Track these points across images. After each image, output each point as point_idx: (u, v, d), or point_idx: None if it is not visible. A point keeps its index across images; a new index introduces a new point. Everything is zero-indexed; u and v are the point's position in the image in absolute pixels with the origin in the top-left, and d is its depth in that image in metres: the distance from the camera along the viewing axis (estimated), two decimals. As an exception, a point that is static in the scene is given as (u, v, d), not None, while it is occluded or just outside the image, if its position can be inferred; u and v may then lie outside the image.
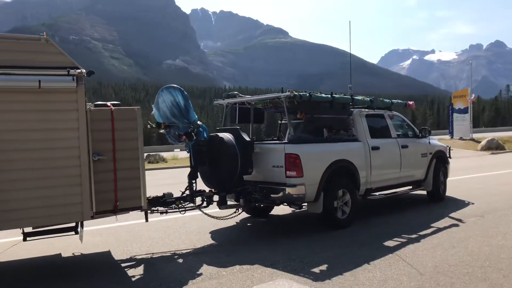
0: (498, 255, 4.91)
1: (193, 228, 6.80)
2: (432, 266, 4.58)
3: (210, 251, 5.55)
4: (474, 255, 4.92)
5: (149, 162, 22.53)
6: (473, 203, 8.17)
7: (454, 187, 10.35)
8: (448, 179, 11.50)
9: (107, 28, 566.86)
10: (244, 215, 7.43)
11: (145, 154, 27.44)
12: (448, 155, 8.94)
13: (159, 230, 6.74)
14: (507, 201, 8.28)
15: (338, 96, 6.61)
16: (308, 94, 6.12)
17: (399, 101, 8.24)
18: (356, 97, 7.06)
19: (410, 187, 8.30)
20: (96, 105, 4.91)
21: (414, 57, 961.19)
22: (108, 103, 4.89)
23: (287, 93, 6.00)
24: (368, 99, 7.27)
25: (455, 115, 35.68)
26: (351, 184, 6.61)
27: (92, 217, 4.64)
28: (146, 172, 5.27)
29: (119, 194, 4.71)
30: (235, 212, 6.38)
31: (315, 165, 6.07)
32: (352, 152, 6.71)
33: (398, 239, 5.71)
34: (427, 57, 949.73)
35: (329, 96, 6.44)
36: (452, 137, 35.40)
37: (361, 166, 6.76)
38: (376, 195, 7.34)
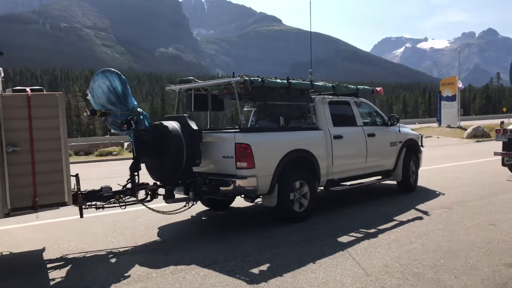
0: (455, 252, 4.55)
1: (143, 223, 6.37)
2: (381, 266, 4.21)
3: (149, 249, 5.14)
4: (430, 252, 4.55)
5: (100, 155, 22.17)
6: (443, 194, 7.84)
7: (429, 176, 10.04)
8: (426, 168, 11.19)
9: (98, 15, 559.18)
10: (203, 207, 7.04)
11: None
12: (420, 144, 8.57)
13: (105, 225, 6.31)
14: (478, 191, 7.95)
15: (295, 81, 6.16)
16: (260, 79, 5.67)
17: (365, 87, 7.81)
18: (316, 83, 6.63)
19: (380, 177, 7.95)
20: (14, 90, 4.44)
21: (407, 45, 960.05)
22: (27, 89, 4.41)
23: (237, 78, 5.56)
24: (331, 85, 6.83)
25: (443, 102, 35.40)
26: (310, 175, 6.21)
27: (8, 215, 4.20)
28: (102, 163, 4.83)
29: (39, 189, 4.27)
30: (184, 206, 5.95)
31: (268, 155, 5.65)
32: (311, 141, 6.30)
33: (355, 234, 5.33)
34: (420, 45, 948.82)
35: (285, 81, 6.00)
36: (440, 125, 35.20)
37: (321, 156, 6.36)
38: (339, 186, 6.96)
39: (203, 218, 6.76)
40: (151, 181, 5.82)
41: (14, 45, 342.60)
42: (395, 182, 8.15)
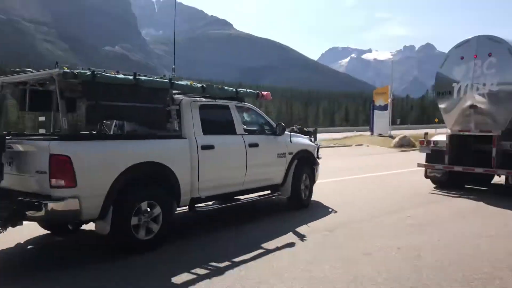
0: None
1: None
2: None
3: None
4: (273, 298, 3.61)
5: None
6: (335, 212, 7.07)
7: (337, 189, 9.39)
8: (340, 179, 10.70)
9: (39, 8, 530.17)
10: (40, 230, 5.74)
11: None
12: (316, 156, 7.78)
13: None
14: (370, 209, 7.28)
15: (145, 78, 5.05)
16: (90, 73, 4.50)
17: (248, 90, 6.85)
18: (179, 82, 5.59)
19: (269, 192, 7.04)
20: None
21: (353, 55, 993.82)
22: None
23: (57, 70, 4.37)
24: (199, 85, 5.80)
25: (375, 111, 35.92)
26: (164, 194, 5.13)
27: None
28: None
29: None
30: (-4, 232, 4.63)
31: (99, 170, 4.50)
32: (168, 152, 5.22)
33: (199, 271, 4.29)
34: (364, 56, 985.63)
35: (131, 77, 4.87)
36: (372, 133, 35.67)
37: (182, 170, 5.31)
38: (207, 205, 5.96)
39: (29, 247, 5.42)
40: None
41: None
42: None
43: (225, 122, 6.20)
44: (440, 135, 9.90)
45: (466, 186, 9.74)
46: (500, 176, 9.25)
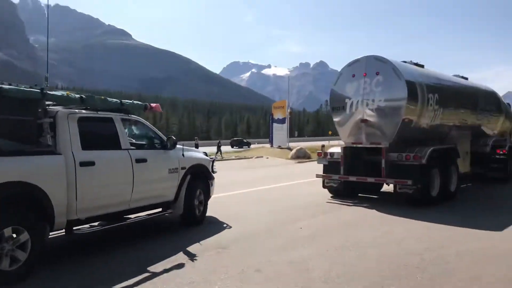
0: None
1: None
2: None
3: None
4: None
5: None
6: (230, 227, 6.91)
7: (230, 203, 9.25)
8: (237, 192, 10.70)
9: None
10: None
11: None
12: (211, 170, 7.58)
13: None
14: (266, 222, 7.28)
15: (10, 87, 4.41)
16: None
17: (135, 102, 6.44)
18: (53, 92, 5.01)
19: (160, 209, 6.66)
20: None
21: (253, 70, 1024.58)
22: None
23: None
24: (78, 96, 5.28)
25: (274, 124, 37.18)
26: (32, 218, 4.49)
27: None
28: None
29: None
30: None
31: None
32: (38, 170, 4.61)
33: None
34: (264, 71, 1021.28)
35: (-11, 86, 4.22)
36: (272, 146, 36.80)
37: (56, 189, 4.72)
38: (92, 226, 5.42)
39: None
40: None
41: None
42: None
43: (108, 136, 5.71)
44: (335, 147, 10.42)
45: (359, 194, 10.36)
46: (388, 185, 9.98)
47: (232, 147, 57.22)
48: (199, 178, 7.18)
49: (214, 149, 34.59)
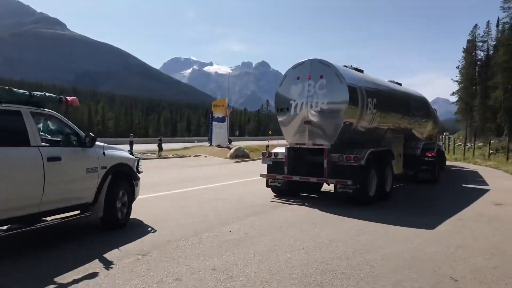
0: None
1: None
2: None
3: None
4: None
5: None
6: (155, 231, 6.51)
7: (158, 205, 8.82)
8: (168, 192, 10.45)
9: None
10: None
11: None
12: (136, 170, 7.12)
13: None
14: (194, 225, 6.94)
15: None
16: None
17: (48, 94, 5.84)
18: None
19: (78, 212, 6.10)
20: None
21: (195, 67, 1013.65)
22: None
23: None
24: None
25: (214, 123, 36.72)
26: None
27: None
28: None
29: None
30: None
31: None
32: None
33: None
34: (206, 68, 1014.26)
35: None
36: (211, 144, 36.30)
37: None
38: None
39: None
40: None
41: None
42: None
43: (14, 132, 5.10)
44: (280, 148, 10.48)
45: (301, 194, 10.56)
46: (329, 185, 10.26)
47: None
48: (122, 178, 6.69)
49: (151, 146, 33.55)
